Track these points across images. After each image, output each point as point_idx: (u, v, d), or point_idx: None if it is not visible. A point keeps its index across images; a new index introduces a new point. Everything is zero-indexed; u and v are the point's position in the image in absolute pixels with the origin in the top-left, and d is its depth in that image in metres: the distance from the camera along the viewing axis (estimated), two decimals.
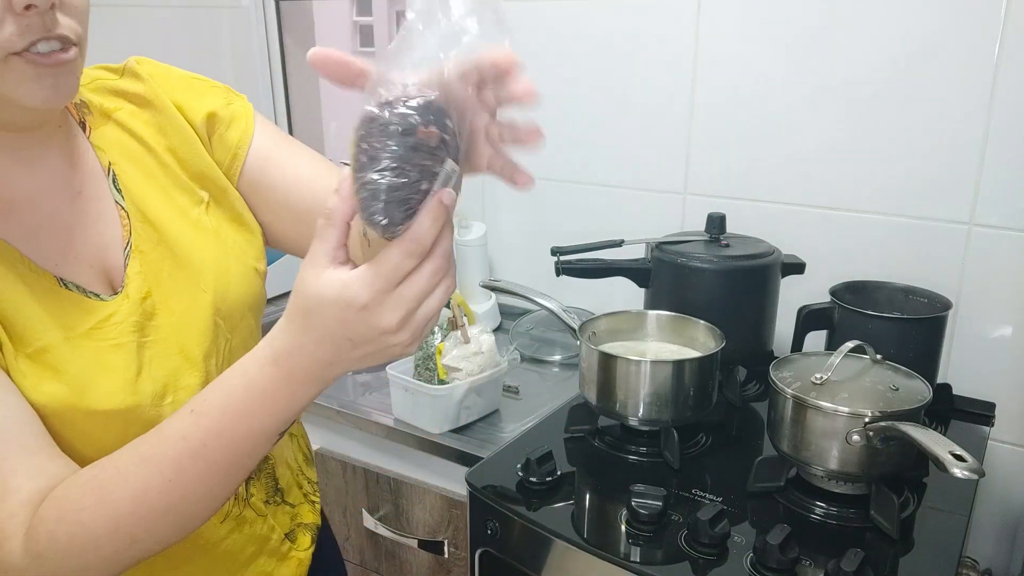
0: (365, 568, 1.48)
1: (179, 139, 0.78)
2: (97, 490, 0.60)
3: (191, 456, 0.60)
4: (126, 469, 0.61)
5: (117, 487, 0.60)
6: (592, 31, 1.57)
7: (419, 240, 0.52)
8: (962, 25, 1.24)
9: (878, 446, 0.95)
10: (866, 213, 1.38)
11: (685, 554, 0.93)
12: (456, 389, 1.27)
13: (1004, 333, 1.30)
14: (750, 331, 1.31)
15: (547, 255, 1.36)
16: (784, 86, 1.40)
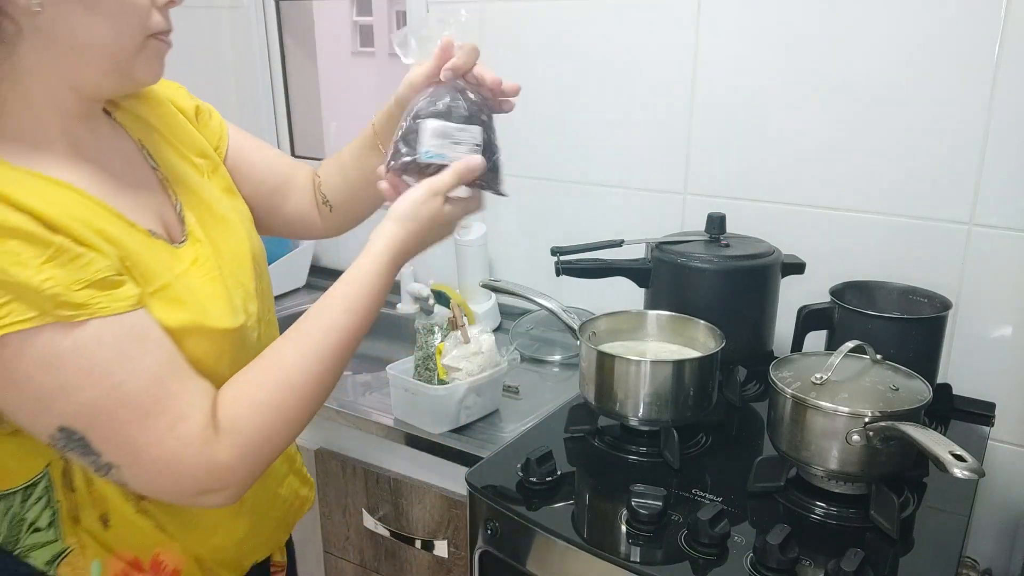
0: (365, 568, 1.48)
1: (176, 123, 0.92)
2: (264, 367, 0.77)
3: (341, 329, 0.79)
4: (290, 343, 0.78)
5: (286, 354, 0.78)
6: (592, 31, 1.57)
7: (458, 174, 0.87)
8: (962, 25, 1.24)
9: (878, 446, 0.95)
10: (866, 213, 1.38)
11: (685, 554, 0.93)
12: (456, 389, 1.27)
13: (1004, 333, 1.30)
14: (750, 331, 1.31)
15: (547, 255, 1.36)
16: (784, 86, 1.40)
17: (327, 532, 1.52)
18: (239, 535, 0.91)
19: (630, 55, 1.54)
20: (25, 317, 0.65)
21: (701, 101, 1.49)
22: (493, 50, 1.70)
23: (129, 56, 0.74)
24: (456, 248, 1.73)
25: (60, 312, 0.67)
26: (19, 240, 0.66)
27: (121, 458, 0.71)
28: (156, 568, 0.84)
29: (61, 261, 0.67)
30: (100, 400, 0.69)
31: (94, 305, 0.69)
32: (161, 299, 0.76)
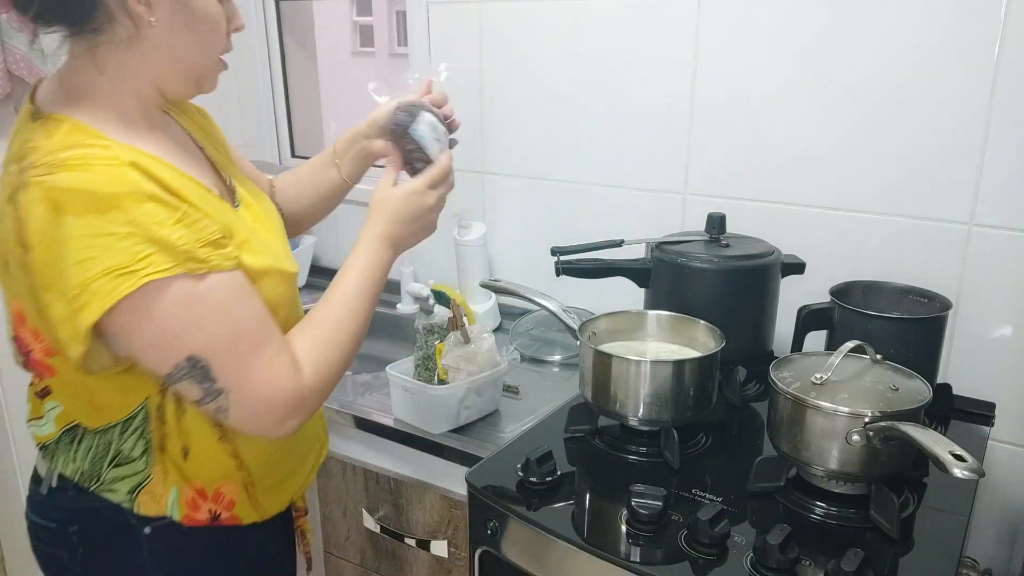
0: (365, 568, 1.48)
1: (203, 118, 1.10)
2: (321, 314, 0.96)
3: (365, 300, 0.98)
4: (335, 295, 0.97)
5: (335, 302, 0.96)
6: (593, 31, 1.57)
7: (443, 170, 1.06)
8: (962, 25, 1.24)
9: (878, 446, 0.95)
10: (866, 213, 1.38)
11: (685, 554, 0.93)
12: (456, 389, 1.27)
13: (1004, 333, 1.30)
14: (750, 331, 1.31)
15: (547, 255, 1.36)
16: (784, 87, 1.40)
17: (327, 532, 1.52)
18: (288, 468, 1.07)
19: (630, 55, 1.54)
20: (165, 267, 0.79)
21: (701, 101, 1.49)
22: (493, 50, 1.71)
23: (206, 70, 0.93)
24: (456, 248, 1.73)
25: (189, 264, 0.81)
26: (155, 203, 0.80)
27: (233, 383, 0.85)
28: (217, 498, 0.98)
29: (187, 223, 0.82)
30: (225, 333, 0.84)
31: (212, 261, 0.83)
32: (245, 249, 0.91)
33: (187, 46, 0.89)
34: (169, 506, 0.96)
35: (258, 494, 1.02)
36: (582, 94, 1.62)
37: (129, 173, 0.80)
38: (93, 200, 0.77)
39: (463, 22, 1.73)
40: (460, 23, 1.73)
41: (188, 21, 0.87)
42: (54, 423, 0.98)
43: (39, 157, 0.80)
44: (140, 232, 0.78)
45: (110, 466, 0.95)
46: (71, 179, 0.78)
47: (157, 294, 0.79)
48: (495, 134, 1.76)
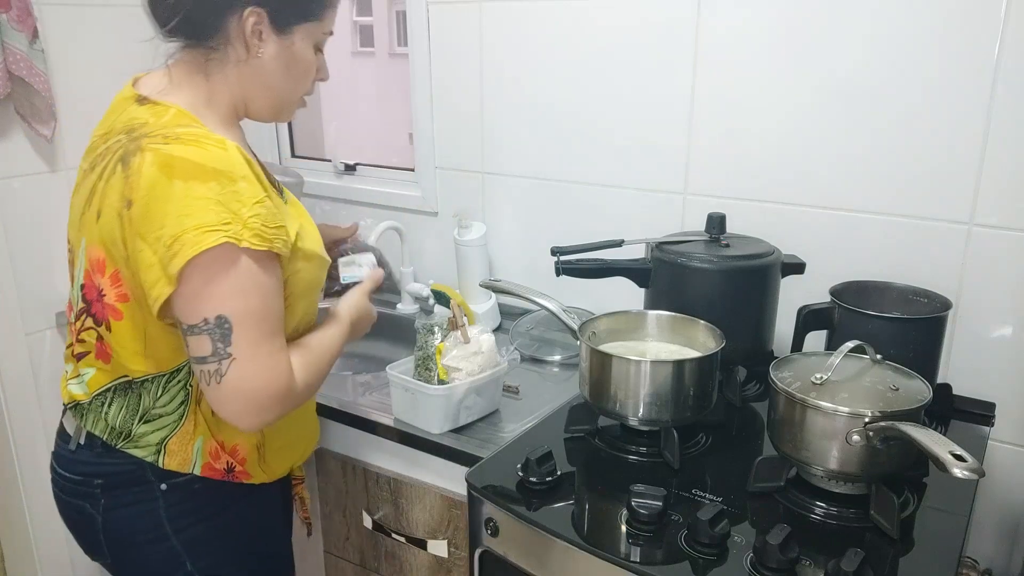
0: (365, 568, 1.48)
1: None
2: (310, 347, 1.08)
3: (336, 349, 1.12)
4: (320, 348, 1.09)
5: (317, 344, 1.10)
6: (592, 31, 1.57)
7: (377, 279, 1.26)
8: (962, 25, 1.24)
9: (878, 446, 0.95)
10: (866, 213, 1.38)
11: (685, 554, 0.93)
12: (456, 389, 1.27)
13: (1004, 333, 1.30)
14: (750, 331, 1.31)
15: (547, 255, 1.36)
16: (784, 86, 1.40)
17: (327, 532, 1.52)
18: (295, 435, 1.21)
19: (630, 55, 1.54)
20: (239, 236, 0.92)
21: (701, 101, 1.49)
22: (493, 50, 1.71)
23: (288, 103, 1.12)
24: (456, 248, 1.73)
25: (255, 241, 0.94)
26: (246, 183, 0.95)
27: (242, 353, 0.95)
28: (233, 452, 1.11)
29: (264, 207, 0.96)
30: (258, 310, 0.96)
31: (274, 243, 0.97)
32: (302, 237, 1.06)
33: (281, 80, 1.07)
34: (193, 454, 1.08)
35: (267, 454, 1.15)
36: (582, 94, 1.62)
37: (233, 154, 0.96)
38: (199, 170, 0.93)
39: (463, 22, 1.73)
40: (460, 23, 1.73)
41: (288, 61, 1.06)
42: (87, 386, 1.09)
43: (153, 130, 0.97)
44: (227, 203, 0.93)
45: (140, 422, 1.07)
46: (184, 150, 0.94)
47: (224, 255, 0.93)
48: (495, 134, 1.76)
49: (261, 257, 0.96)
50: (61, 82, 1.76)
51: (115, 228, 0.97)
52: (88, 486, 1.10)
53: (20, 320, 1.79)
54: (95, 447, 1.09)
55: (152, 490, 1.09)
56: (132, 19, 1.87)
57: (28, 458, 1.84)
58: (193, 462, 1.09)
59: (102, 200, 0.98)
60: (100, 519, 1.10)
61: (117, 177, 0.96)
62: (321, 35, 1.09)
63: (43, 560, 1.90)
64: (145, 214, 0.93)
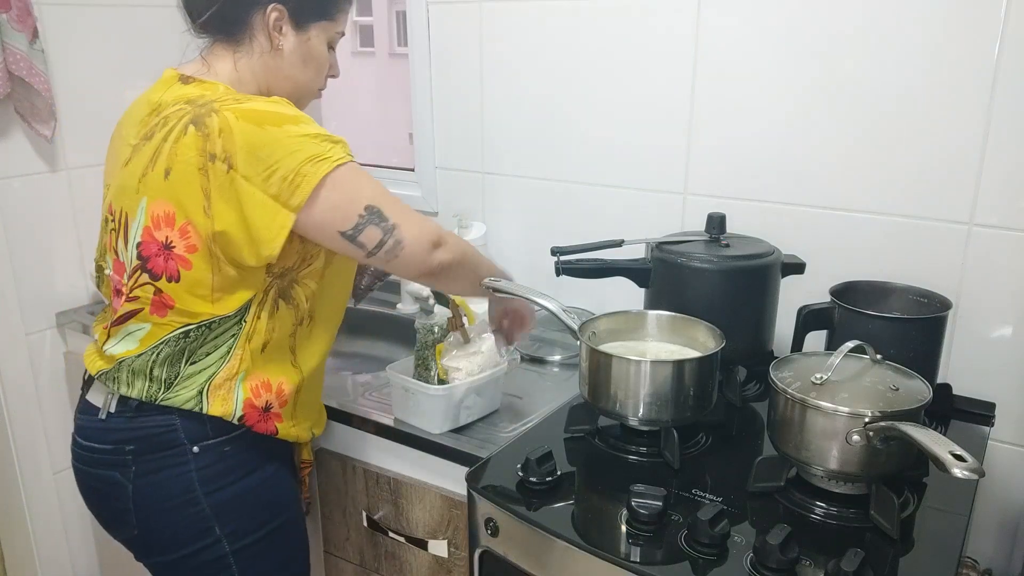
0: (365, 568, 1.48)
1: None
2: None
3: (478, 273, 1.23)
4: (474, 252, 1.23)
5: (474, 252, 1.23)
6: (593, 31, 1.57)
7: None
8: (962, 26, 1.24)
9: (878, 446, 0.95)
10: (866, 213, 1.38)
11: (685, 554, 0.93)
12: (456, 389, 1.27)
13: (1004, 333, 1.30)
14: (750, 331, 1.31)
15: (547, 255, 1.36)
16: (784, 86, 1.40)
17: (327, 532, 1.52)
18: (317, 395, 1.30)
19: (630, 55, 1.54)
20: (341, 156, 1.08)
21: (701, 101, 1.49)
22: (493, 50, 1.71)
23: (304, 93, 1.24)
24: None
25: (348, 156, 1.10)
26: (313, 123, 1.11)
27: (399, 218, 1.09)
28: (279, 391, 1.19)
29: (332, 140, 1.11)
30: (381, 190, 1.11)
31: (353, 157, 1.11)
32: None
33: (299, 71, 1.21)
34: (235, 391, 1.15)
35: (298, 406, 1.23)
36: (582, 94, 1.62)
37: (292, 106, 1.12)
38: (282, 117, 1.08)
39: (463, 22, 1.73)
40: (460, 23, 1.73)
41: (304, 55, 1.20)
42: (140, 342, 1.15)
43: (217, 97, 1.08)
44: (321, 135, 1.08)
45: (187, 364, 1.13)
46: (263, 105, 1.09)
47: (339, 172, 1.07)
48: (495, 134, 1.76)
49: (354, 164, 1.10)
50: (61, 82, 1.76)
51: (194, 181, 1.06)
52: (119, 454, 1.14)
53: (20, 320, 1.79)
54: (128, 410, 1.14)
55: (184, 452, 1.14)
56: (132, 19, 1.89)
57: (28, 458, 1.84)
58: (235, 401, 1.15)
59: (171, 159, 1.07)
60: (131, 487, 1.14)
61: (191, 136, 1.06)
62: (334, 34, 1.22)
63: (43, 560, 1.90)
64: (250, 160, 1.04)
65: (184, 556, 1.17)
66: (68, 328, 1.86)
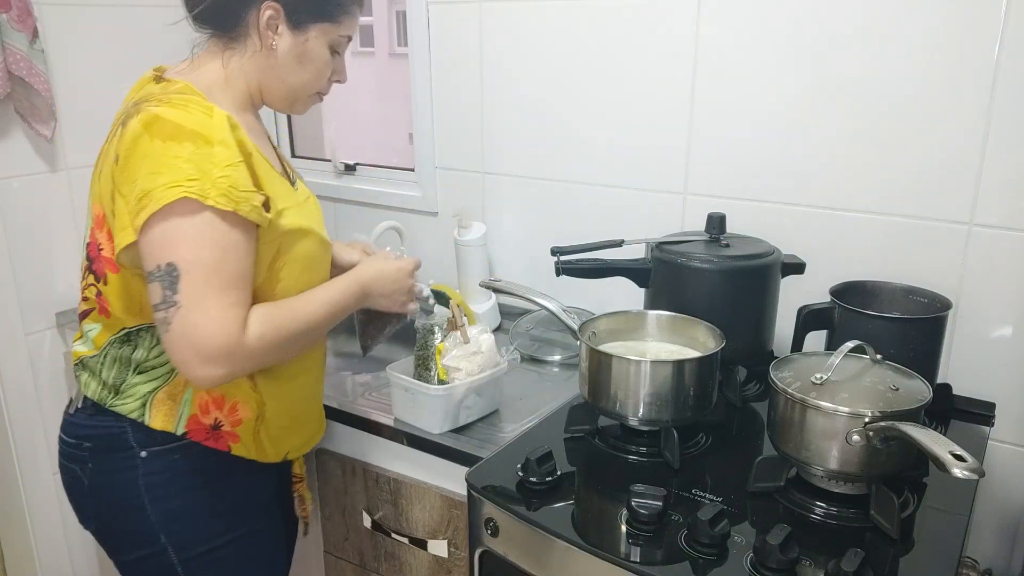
0: (365, 568, 1.48)
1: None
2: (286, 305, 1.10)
3: (327, 313, 1.14)
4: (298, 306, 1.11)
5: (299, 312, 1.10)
6: (593, 31, 1.57)
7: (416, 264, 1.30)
8: (962, 25, 1.24)
9: (878, 446, 0.95)
10: (866, 213, 1.38)
11: (685, 554, 0.93)
12: (456, 389, 1.27)
13: (1004, 333, 1.30)
14: (750, 331, 1.31)
15: (547, 255, 1.36)
16: (784, 87, 1.40)
17: (327, 532, 1.52)
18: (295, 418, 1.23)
19: (630, 55, 1.54)
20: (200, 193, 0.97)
21: (701, 101, 1.49)
22: (493, 50, 1.71)
23: (303, 97, 1.19)
24: (456, 248, 1.73)
25: (220, 200, 0.98)
26: (221, 148, 1.01)
27: (188, 302, 0.98)
28: (231, 411, 1.13)
29: (239, 172, 1.01)
30: (209, 263, 0.99)
31: (240, 205, 1.00)
32: (294, 210, 1.12)
33: (293, 73, 1.14)
34: (180, 407, 1.11)
35: (263, 429, 1.17)
36: (582, 94, 1.62)
37: (217, 121, 1.01)
38: (176, 130, 0.99)
39: (463, 22, 1.73)
40: (460, 23, 1.73)
41: (300, 56, 1.13)
42: (92, 342, 1.14)
43: (155, 98, 1.03)
44: (199, 163, 0.98)
45: (134, 373, 1.12)
46: (168, 112, 1.00)
47: (186, 209, 0.97)
48: (495, 134, 1.76)
49: (226, 216, 0.99)
50: (61, 82, 1.76)
51: (108, 183, 1.04)
52: (79, 449, 1.15)
53: (20, 320, 1.79)
54: (87, 409, 1.15)
55: (133, 457, 1.12)
56: (132, 19, 1.88)
57: (28, 458, 1.84)
58: (179, 417, 1.11)
59: (104, 160, 1.07)
60: (87, 483, 1.15)
61: (116, 137, 1.04)
62: (338, 37, 1.16)
63: (43, 560, 1.90)
64: (124, 168, 1.00)
65: (135, 560, 1.17)
66: (68, 328, 1.86)
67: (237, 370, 1.03)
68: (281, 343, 1.07)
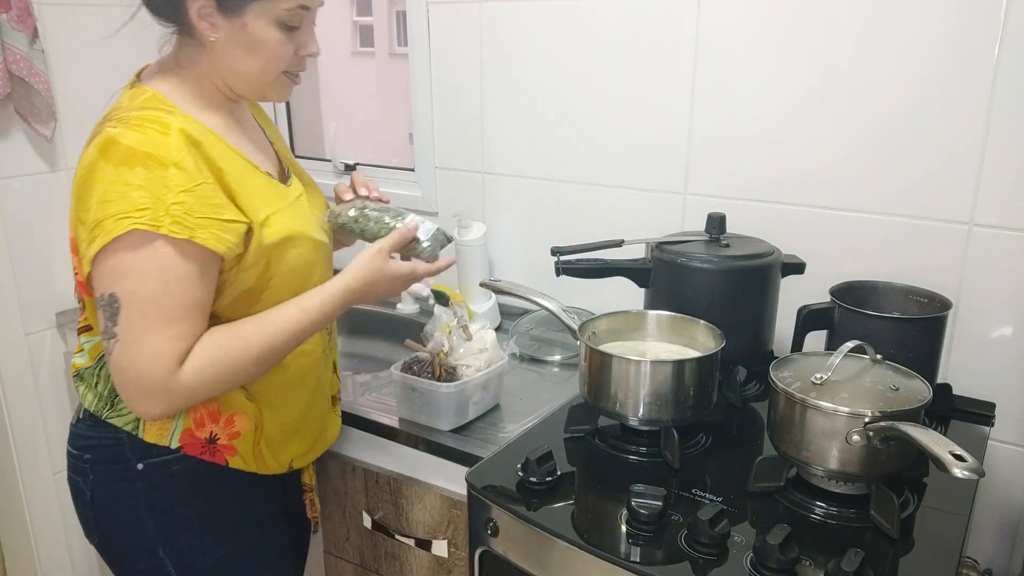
0: (365, 568, 1.48)
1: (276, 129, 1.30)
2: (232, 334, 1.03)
3: (291, 334, 1.06)
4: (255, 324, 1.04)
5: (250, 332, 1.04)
6: (593, 31, 1.57)
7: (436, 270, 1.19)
8: (962, 25, 1.24)
9: (878, 446, 0.95)
10: (866, 213, 1.38)
11: (685, 554, 0.93)
12: (467, 386, 1.28)
13: (1004, 333, 1.30)
14: (750, 331, 1.31)
15: (547, 255, 1.36)
16: (784, 87, 1.40)
17: (327, 532, 1.52)
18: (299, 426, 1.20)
19: (630, 55, 1.54)
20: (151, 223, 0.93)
21: (701, 101, 1.49)
22: (493, 50, 1.71)
23: (265, 84, 1.08)
24: (456, 248, 1.73)
25: (173, 228, 0.94)
26: (177, 170, 0.95)
27: (126, 336, 0.96)
28: (228, 424, 1.11)
29: (197, 195, 0.96)
30: (150, 295, 0.95)
31: (197, 232, 0.96)
32: (283, 214, 1.07)
33: (245, 62, 1.05)
34: (174, 422, 1.08)
35: (263, 440, 1.14)
36: (582, 94, 1.62)
37: (172, 140, 0.96)
38: (129, 155, 0.94)
39: (463, 22, 1.73)
40: (460, 23, 1.73)
41: (246, 43, 1.03)
42: (87, 354, 1.14)
43: (118, 113, 0.99)
44: (149, 189, 0.94)
45: None
46: (122, 133, 0.95)
47: (133, 240, 0.94)
48: (495, 134, 1.76)
49: (180, 245, 0.95)
50: (61, 82, 1.76)
51: (73, 208, 1.01)
52: (81, 460, 1.13)
53: (20, 320, 1.79)
54: (86, 421, 1.13)
55: (130, 469, 1.09)
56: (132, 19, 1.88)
57: (28, 458, 1.84)
58: (172, 431, 1.08)
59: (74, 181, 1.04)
60: (89, 495, 1.13)
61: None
62: (282, 12, 1.03)
63: (43, 560, 1.90)
64: (80, 195, 0.97)
65: (136, 572, 1.15)
66: (68, 328, 1.86)
67: (178, 405, 1.01)
68: (226, 375, 1.02)
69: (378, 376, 1.54)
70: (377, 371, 1.59)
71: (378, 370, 1.59)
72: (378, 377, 1.54)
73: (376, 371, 1.62)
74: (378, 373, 1.56)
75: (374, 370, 1.66)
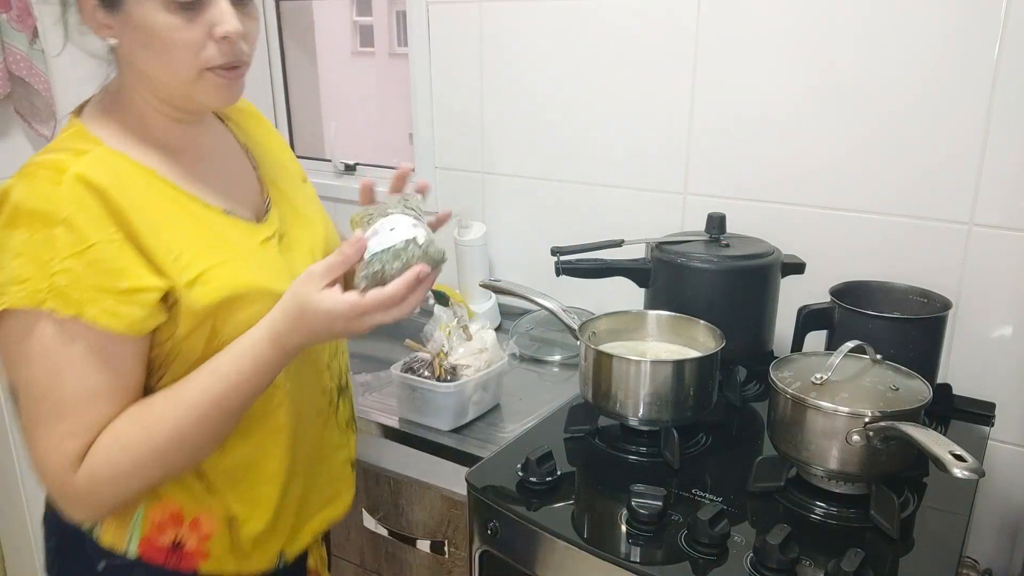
0: (365, 568, 1.48)
1: (275, 140, 1.12)
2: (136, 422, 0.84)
3: (208, 406, 0.85)
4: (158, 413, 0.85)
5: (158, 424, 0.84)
6: (593, 31, 1.57)
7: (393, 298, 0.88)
8: (962, 26, 1.24)
9: (878, 446, 0.95)
10: (866, 213, 1.38)
11: (685, 554, 0.93)
12: (466, 386, 1.28)
13: (1004, 333, 1.30)
14: (750, 331, 1.31)
15: (547, 255, 1.36)
16: (784, 87, 1.40)
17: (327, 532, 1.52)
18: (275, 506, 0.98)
19: (630, 55, 1.54)
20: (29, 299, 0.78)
21: (701, 101, 1.49)
22: (493, 50, 1.71)
23: (184, 85, 0.87)
24: (456, 248, 1.73)
25: (57, 302, 0.78)
26: (64, 229, 0.78)
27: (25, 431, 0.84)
28: (193, 527, 0.94)
29: (87, 260, 0.79)
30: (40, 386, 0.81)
31: (85, 308, 0.79)
32: (223, 269, 0.88)
33: (147, 62, 0.86)
34: (131, 526, 0.92)
35: (244, 533, 0.96)
36: (582, 94, 1.62)
37: (64, 191, 0.80)
38: (14, 214, 0.79)
39: (463, 22, 1.73)
40: (460, 23, 1.73)
41: (140, 38, 0.84)
42: None
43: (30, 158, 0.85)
44: (30, 256, 0.78)
45: None
46: (14, 187, 0.81)
47: (13, 320, 0.80)
48: (495, 134, 1.76)
49: (65, 324, 0.79)
50: (61, 82, 1.76)
51: None
52: (48, 543, 1.00)
53: None
54: (51, 506, 0.96)
55: (91, 568, 0.94)
56: None
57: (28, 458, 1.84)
58: (128, 537, 0.92)
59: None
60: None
61: None
62: None
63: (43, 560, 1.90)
64: None
65: None
66: None
67: (90, 512, 0.87)
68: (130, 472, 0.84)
69: (378, 376, 1.54)
70: (377, 371, 1.59)
71: (378, 370, 1.59)
72: (378, 377, 1.53)
73: (376, 371, 1.62)
74: (378, 373, 1.56)
75: (374, 370, 1.66)
